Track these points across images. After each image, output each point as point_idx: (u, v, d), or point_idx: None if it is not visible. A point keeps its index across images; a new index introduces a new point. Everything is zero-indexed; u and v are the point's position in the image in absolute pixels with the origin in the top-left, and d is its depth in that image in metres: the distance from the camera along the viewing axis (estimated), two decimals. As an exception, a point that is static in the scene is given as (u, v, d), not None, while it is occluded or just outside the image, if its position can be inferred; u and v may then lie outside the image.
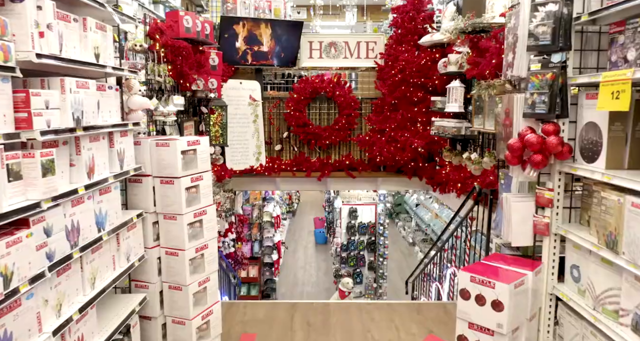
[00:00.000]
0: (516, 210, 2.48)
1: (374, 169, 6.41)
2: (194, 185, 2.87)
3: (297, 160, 6.40)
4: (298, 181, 6.59)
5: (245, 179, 6.43)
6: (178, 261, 2.83)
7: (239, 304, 4.13)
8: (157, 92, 4.22)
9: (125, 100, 2.84)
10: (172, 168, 2.77)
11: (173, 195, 2.79)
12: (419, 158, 5.85)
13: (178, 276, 2.84)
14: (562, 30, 2.29)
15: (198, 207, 2.91)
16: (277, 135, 6.51)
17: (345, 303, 4.26)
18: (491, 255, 2.53)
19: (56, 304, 1.96)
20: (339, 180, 6.61)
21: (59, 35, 2.02)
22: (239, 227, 7.06)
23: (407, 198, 15.38)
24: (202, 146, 2.94)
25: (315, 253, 12.52)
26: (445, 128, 4.82)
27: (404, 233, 14.06)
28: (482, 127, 4.10)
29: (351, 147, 6.54)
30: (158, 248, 2.88)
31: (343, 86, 6.35)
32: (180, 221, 2.79)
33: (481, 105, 4.18)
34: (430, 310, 4.01)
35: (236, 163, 6.09)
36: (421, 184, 6.30)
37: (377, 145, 5.99)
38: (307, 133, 6.33)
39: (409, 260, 12.01)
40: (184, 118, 4.80)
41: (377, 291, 8.88)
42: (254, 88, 6.28)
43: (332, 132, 6.32)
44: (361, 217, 8.93)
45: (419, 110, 5.86)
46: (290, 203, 16.48)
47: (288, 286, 10.08)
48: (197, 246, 2.91)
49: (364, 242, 8.90)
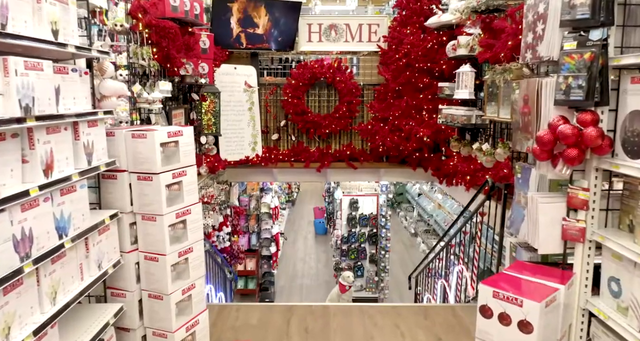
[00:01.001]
0: (544, 212, 2.16)
1: (376, 160, 6.08)
2: (176, 182, 2.54)
3: (295, 150, 6.06)
4: (296, 172, 6.26)
5: (240, 170, 6.10)
6: (158, 267, 2.51)
7: (230, 307, 3.83)
8: (141, 77, 3.87)
9: (96, 85, 2.50)
10: (150, 163, 2.43)
11: (152, 193, 2.46)
12: (424, 149, 5.51)
13: (159, 283, 2.53)
14: (603, 1, 1.94)
15: (181, 206, 2.58)
16: (274, 123, 6.16)
17: (346, 307, 3.96)
18: (513, 264, 2.21)
19: (2, 328, 1.64)
20: (339, 171, 6.28)
21: (2, 6, 1.67)
22: (235, 220, 6.75)
23: (408, 187, 15.07)
24: (185, 137, 2.61)
25: (315, 245, 12.25)
26: (454, 116, 4.47)
27: (405, 223, 13.78)
28: (495, 115, 3.75)
29: (352, 136, 6.19)
30: (136, 253, 2.56)
31: (344, 71, 5.98)
32: (160, 222, 2.47)
33: (495, 92, 3.82)
34: (438, 313, 3.71)
35: (231, 153, 5.75)
36: (426, 176, 5.97)
37: (380, 134, 5.65)
38: (305, 122, 5.98)
39: (411, 251, 11.75)
40: (172, 105, 4.45)
41: (378, 285, 8.62)
42: (249, 74, 5.92)
43: (332, 120, 5.97)
44: (362, 208, 8.63)
45: (424, 97, 5.51)
46: (289, 192, 16.19)
47: (287, 279, 9.82)
48: (181, 250, 2.59)
49: (365, 234, 8.61)
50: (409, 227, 13.49)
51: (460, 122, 4.34)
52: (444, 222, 10.96)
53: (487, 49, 3.95)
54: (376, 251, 8.66)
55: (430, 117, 5.49)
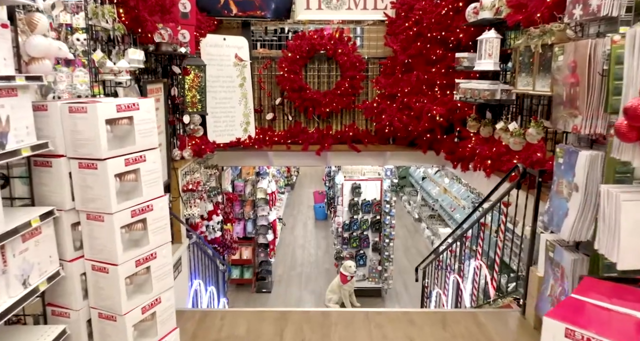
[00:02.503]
0: (628, 213, 1.57)
1: (381, 142, 5.48)
2: (130, 170, 1.96)
3: (292, 131, 5.46)
4: (294, 155, 5.67)
5: (231, 154, 5.51)
6: (109, 280, 1.95)
7: (214, 314, 3.29)
8: (106, 43, 3.25)
9: (21, 43, 1.89)
10: (93, 146, 1.85)
11: (97, 185, 1.88)
12: (437, 129, 4.90)
13: (110, 300, 1.97)
14: None
15: (139, 202, 2.00)
16: (269, 101, 5.54)
17: (349, 313, 3.41)
18: (582, 283, 1.64)
19: None
20: (341, 155, 5.69)
21: None
22: (228, 207, 6.19)
23: (412, 171, 14.48)
24: (143, 112, 2.01)
25: (315, 230, 11.73)
26: (474, 91, 3.86)
27: (409, 208, 13.24)
28: (530, 88, 3.14)
29: (355, 116, 5.58)
30: (82, 261, 2.00)
31: (346, 43, 5.33)
32: (109, 223, 1.89)
33: (527, 61, 3.21)
34: (458, 321, 3.17)
35: (220, 135, 5.15)
36: (437, 159, 5.38)
37: (387, 113, 5.03)
38: (303, 100, 5.37)
39: (415, 237, 11.23)
40: (147, 79, 3.84)
41: (381, 274, 8.10)
42: (240, 46, 5.28)
43: (334, 97, 5.35)
44: (365, 193, 8.05)
45: (437, 71, 4.88)
46: (288, 176, 15.62)
47: (285, 268, 9.32)
48: (139, 257, 2.02)
49: (368, 221, 8.06)
50: (412, 211, 12.95)
51: (483, 98, 3.73)
52: (450, 208, 10.42)
53: (518, 10, 3.32)
54: (379, 239, 8.12)
55: (444, 94, 4.87)
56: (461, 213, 9.79)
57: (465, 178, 5.52)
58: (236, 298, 8.00)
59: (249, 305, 7.83)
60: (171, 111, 4.34)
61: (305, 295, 8.21)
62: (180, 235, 4.47)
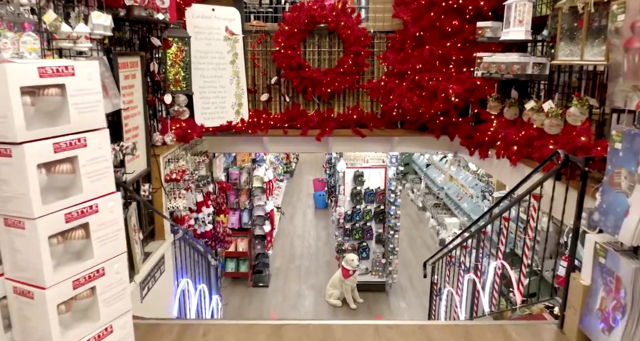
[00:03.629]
0: None
1: (388, 126, 4.95)
2: (63, 158, 1.43)
3: (289, 114, 4.92)
4: (291, 141, 5.14)
5: (222, 139, 4.98)
6: (35, 308, 1.43)
7: (197, 328, 2.79)
8: (64, 4, 2.71)
9: None
10: (5, 124, 1.32)
11: (13, 178, 1.35)
12: (452, 111, 4.36)
13: (37, 334, 1.46)
14: None
15: (77, 201, 1.48)
16: (264, 80, 4.99)
17: (356, 326, 2.91)
18: None
19: None
20: (343, 140, 5.16)
21: None
22: (220, 197, 5.68)
23: (415, 157, 13.96)
24: (80, 79, 1.47)
25: (315, 220, 11.25)
26: (501, 66, 3.31)
27: (412, 196, 12.75)
28: (575, 58, 2.59)
29: (360, 97, 5.04)
30: (1, 281, 1.48)
31: (350, 15, 4.76)
32: (32, 230, 1.37)
33: (570, 26, 2.66)
34: (484, 336, 2.67)
35: (208, 118, 4.61)
36: (451, 145, 4.85)
37: (396, 93, 4.49)
38: (302, 79, 4.82)
39: (420, 227, 10.76)
40: (119, 50, 3.29)
41: (386, 268, 7.63)
42: (231, 18, 4.71)
43: (336, 76, 4.81)
44: (368, 181, 7.54)
45: (453, 45, 4.31)
46: (287, 163, 15.11)
47: (284, 260, 8.85)
48: (78, 275, 1.50)
49: (371, 211, 7.56)
50: (416, 200, 12.47)
51: (512, 72, 3.19)
52: (457, 196, 9.92)
53: (559, -36, 2.77)
54: (383, 230, 7.63)
55: (460, 71, 4.32)
56: (469, 202, 9.30)
57: (483, 167, 5.00)
58: (232, 293, 7.54)
59: (245, 300, 7.37)
60: (150, 89, 3.79)
61: (304, 289, 7.75)
62: (163, 231, 3.97)
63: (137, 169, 3.47)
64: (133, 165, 3.40)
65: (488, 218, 4.02)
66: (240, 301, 7.30)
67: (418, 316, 6.94)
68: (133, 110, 3.45)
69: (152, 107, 3.82)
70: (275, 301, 7.35)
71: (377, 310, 7.16)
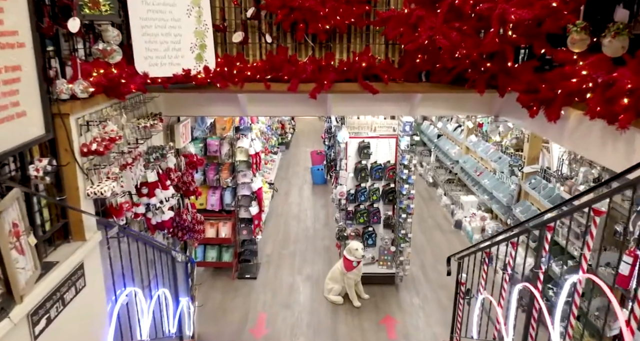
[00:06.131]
0: None
1: (409, 78, 3.57)
2: None
3: (273, 62, 3.53)
4: (276, 99, 3.79)
5: (179, 96, 3.62)
6: None
7: None
8: None
9: None
10: None
11: None
12: (508, 51, 2.97)
13: None
14: None
15: None
16: (236, 13, 3.59)
17: None
18: None
19: None
20: (347, 98, 3.80)
21: None
22: (187, 175, 4.37)
23: (424, 127, 12.57)
24: None
25: (312, 197, 9.98)
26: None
27: (421, 170, 11.43)
28: None
29: (371, 38, 3.66)
30: None
31: None
32: None
33: None
34: None
35: (155, 63, 3.24)
36: (495, 105, 3.50)
37: (425, 25, 3.09)
38: (290, 9, 3.42)
39: (431, 206, 9.50)
40: None
41: (396, 257, 6.39)
42: None
43: (337, 6, 3.41)
44: (376, 154, 6.21)
45: (511, -46, 2.89)
46: (283, 133, 13.73)
47: (275, 246, 7.61)
48: None
49: (379, 189, 6.26)
50: (425, 175, 11.17)
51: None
52: (475, 171, 8.61)
53: None
54: (393, 213, 6.35)
55: (520, -7, 2.92)
56: (490, 178, 7.99)
57: (546, 135, 3.60)
58: (212, 287, 6.33)
59: (227, 296, 6.16)
60: (48, 11, 2.41)
61: (298, 281, 6.53)
62: (82, 229, 2.67)
63: (20, 135, 2.15)
64: (11, 128, 2.08)
65: (565, 209, 2.71)
66: (222, 299, 6.09)
67: (434, 316, 5.74)
68: (5, 38, 2.09)
69: (51, 38, 2.44)
70: (264, 297, 6.14)
71: (386, 308, 5.97)
